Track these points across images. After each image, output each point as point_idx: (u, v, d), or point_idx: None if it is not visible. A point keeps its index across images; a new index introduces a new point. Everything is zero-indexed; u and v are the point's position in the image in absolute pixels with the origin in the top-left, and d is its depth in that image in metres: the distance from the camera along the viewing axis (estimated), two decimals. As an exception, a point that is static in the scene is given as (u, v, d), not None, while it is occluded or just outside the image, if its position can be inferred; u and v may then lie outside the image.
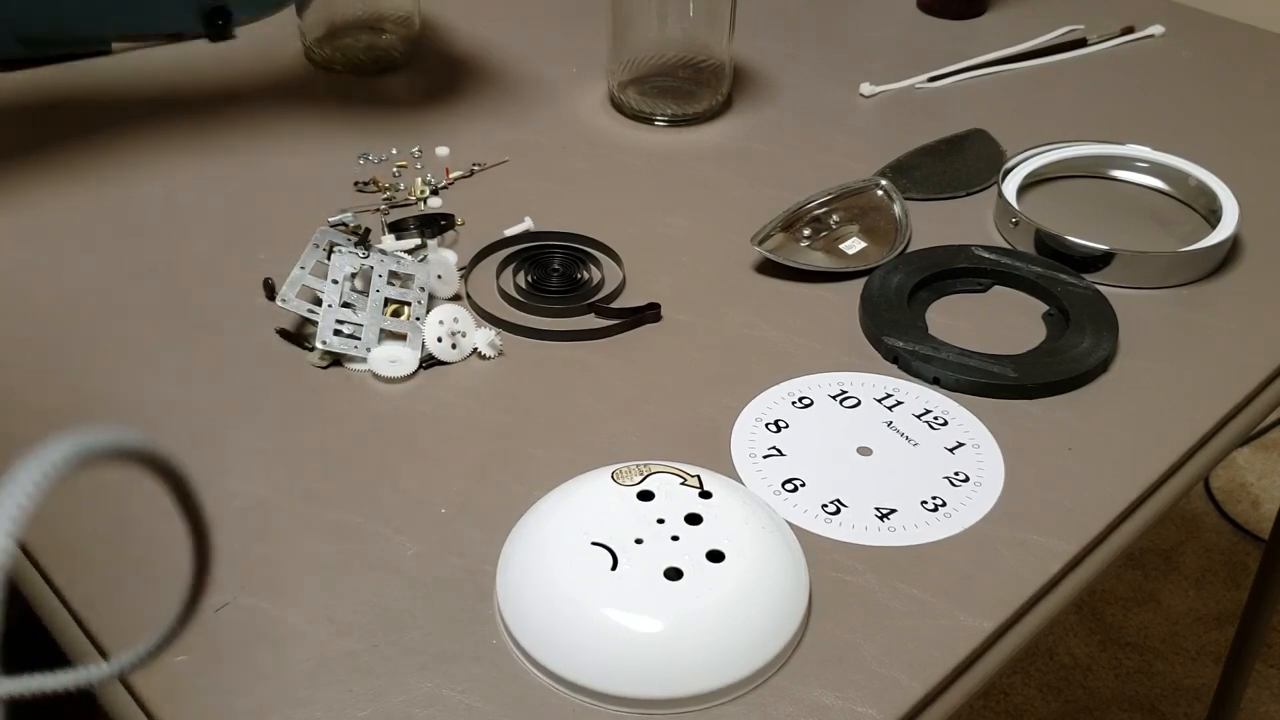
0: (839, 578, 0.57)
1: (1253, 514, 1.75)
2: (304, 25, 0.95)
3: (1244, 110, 0.95)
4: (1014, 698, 1.52)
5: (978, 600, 0.56)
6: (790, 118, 0.92)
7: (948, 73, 0.97)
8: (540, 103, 0.93)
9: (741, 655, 0.51)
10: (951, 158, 0.87)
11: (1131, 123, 0.92)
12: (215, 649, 0.52)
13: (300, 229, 0.78)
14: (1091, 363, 0.68)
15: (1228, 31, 1.05)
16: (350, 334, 0.67)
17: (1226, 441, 0.67)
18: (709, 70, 0.90)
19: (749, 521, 0.54)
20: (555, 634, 0.51)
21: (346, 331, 0.67)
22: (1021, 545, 0.59)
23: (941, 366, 0.67)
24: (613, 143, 0.89)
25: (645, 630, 0.50)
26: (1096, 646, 1.58)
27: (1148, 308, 0.74)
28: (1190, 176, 0.83)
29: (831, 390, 0.67)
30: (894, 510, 0.60)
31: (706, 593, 0.51)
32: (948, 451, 0.63)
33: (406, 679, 0.51)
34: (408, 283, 0.70)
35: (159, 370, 0.67)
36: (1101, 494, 0.62)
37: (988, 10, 1.07)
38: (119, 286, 0.73)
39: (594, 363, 0.69)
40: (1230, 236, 0.77)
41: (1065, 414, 0.66)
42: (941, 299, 0.74)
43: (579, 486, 0.57)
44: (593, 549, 0.52)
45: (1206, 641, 1.58)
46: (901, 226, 0.79)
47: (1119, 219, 0.83)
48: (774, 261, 0.75)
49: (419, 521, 0.59)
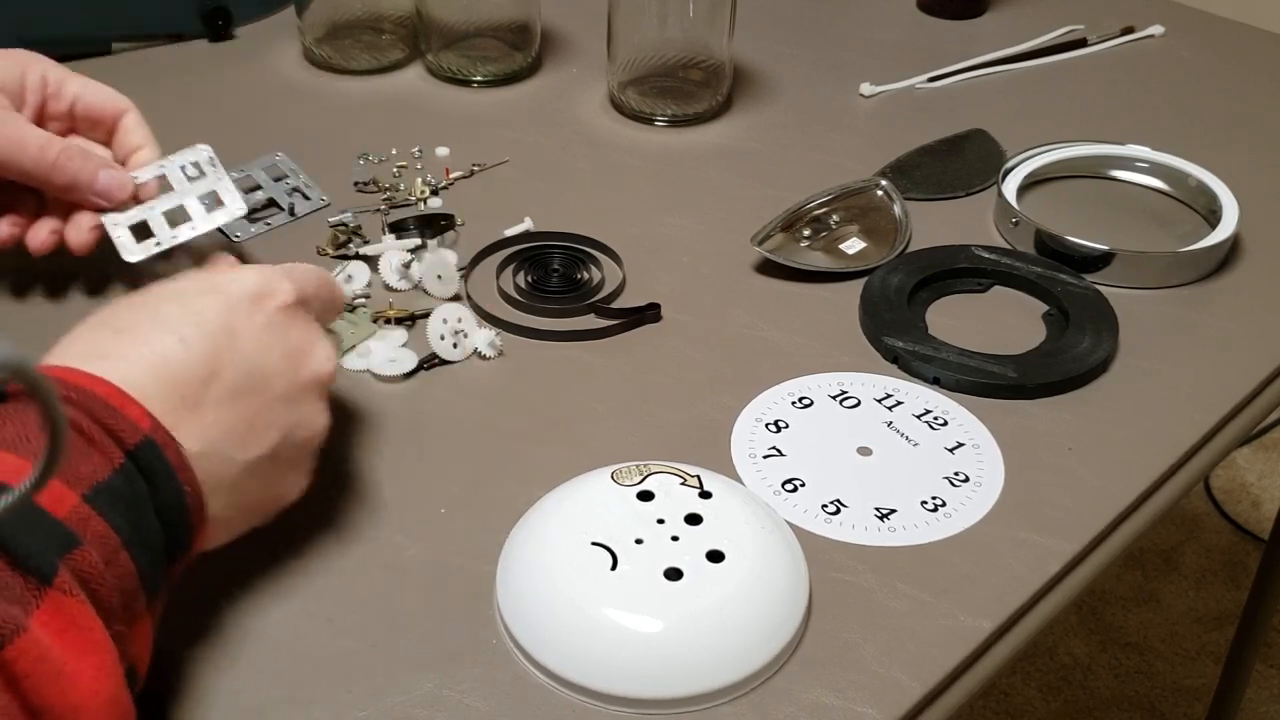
0: (839, 578, 0.57)
1: (1253, 514, 1.75)
2: (304, 25, 0.95)
3: (1244, 110, 0.95)
4: (1014, 698, 1.52)
5: (978, 600, 0.56)
6: (790, 118, 0.92)
7: (948, 73, 0.97)
8: (540, 103, 0.93)
9: (741, 655, 0.51)
10: (951, 158, 0.87)
11: (1131, 123, 0.92)
12: (216, 649, 0.52)
13: (300, 228, 0.78)
14: (1091, 363, 0.68)
15: (1228, 31, 1.05)
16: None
17: (1227, 441, 0.67)
18: (709, 70, 0.90)
19: (749, 522, 0.54)
20: (555, 634, 0.51)
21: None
22: (1021, 545, 0.59)
23: (941, 367, 0.67)
24: (613, 143, 0.89)
25: (645, 630, 0.50)
26: (1096, 647, 1.58)
27: (1148, 308, 0.74)
28: (1190, 176, 0.83)
29: (831, 390, 0.67)
30: (894, 510, 0.60)
31: (706, 593, 0.51)
32: (948, 451, 0.63)
33: (406, 679, 0.51)
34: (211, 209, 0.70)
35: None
36: (1101, 494, 0.62)
37: (988, 10, 1.07)
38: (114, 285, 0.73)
39: (594, 363, 0.69)
40: (1230, 236, 0.77)
41: (1065, 414, 0.66)
42: (941, 299, 0.74)
43: (579, 486, 0.57)
44: (593, 549, 0.52)
45: (1206, 642, 1.58)
46: (901, 226, 0.79)
47: (1119, 219, 0.83)
48: (774, 261, 0.75)
49: (419, 521, 0.59)
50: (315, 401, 0.54)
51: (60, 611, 0.40)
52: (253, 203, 0.78)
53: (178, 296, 0.51)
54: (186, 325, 0.49)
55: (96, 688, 0.40)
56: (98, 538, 0.42)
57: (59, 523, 0.41)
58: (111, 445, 0.44)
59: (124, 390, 0.45)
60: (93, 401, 0.45)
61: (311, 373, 0.53)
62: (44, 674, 0.38)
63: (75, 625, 0.40)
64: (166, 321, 0.49)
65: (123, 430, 0.45)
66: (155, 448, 0.45)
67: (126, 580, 0.43)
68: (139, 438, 0.45)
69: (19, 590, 0.39)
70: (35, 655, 0.38)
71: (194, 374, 0.48)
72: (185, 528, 0.47)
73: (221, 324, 0.50)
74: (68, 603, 0.40)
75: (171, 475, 0.46)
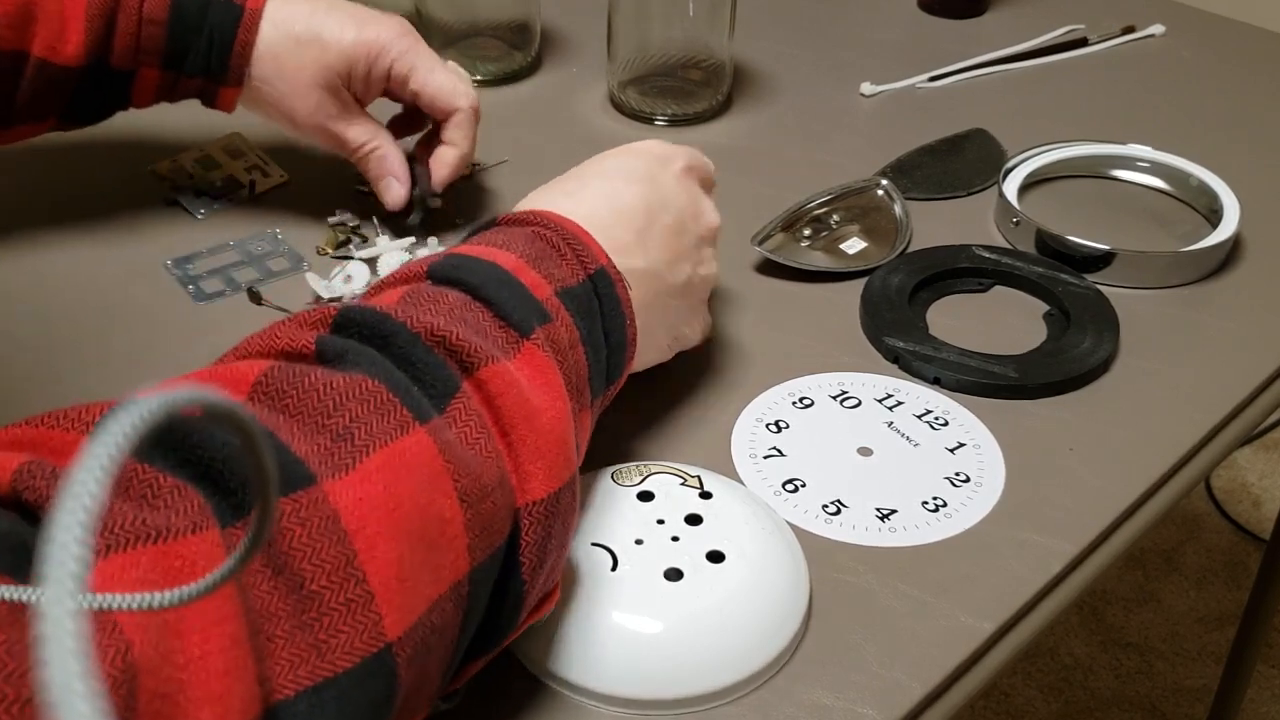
0: (839, 578, 0.57)
1: (1254, 514, 1.75)
2: (304, 25, 0.95)
3: (1245, 110, 0.94)
4: (1014, 698, 1.51)
5: (978, 600, 0.56)
6: (790, 118, 0.92)
7: (948, 72, 0.97)
8: (540, 102, 0.93)
9: (742, 656, 0.51)
10: (952, 158, 0.87)
11: (1132, 122, 0.92)
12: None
13: (300, 229, 0.78)
14: (1092, 363, 0.68)
15: (1228, 31, 1.05)
16: None
17: (1227, 441, 0.67)
18: (709, 70, 0.90)
19: (749, 522, 0.54)
20: (555, 634, 0.51)
21: None
22: (1022, 545, 0.58)
23: (942, 367, 0.67)
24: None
25: (645, 631, 0.50)
26: (1097, 647, 1.57)
27: (1148, 308, 0.74)
28: (1191, 176, 0.83)
29: (832, 390, 0.67)
30: (894, 510, 0.60)
31: (706, 593, 0.51)
32: (948, 452, 0.63)
33: (406, 680, 0.51)
34: None
35: (150, 367, 0.67)
36: (1102, 494, 0.62)
37: (988, 10, 1.07)
38: (118, 284, 0.73)
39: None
40: (1231, 236, 0.77)
41: (1066, 414, 0.66)
42: (942, 299, 0.74)
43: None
44: (592, 549, 0.52)
45: (1207, 642, 1.58)
46: (902, 226, 0.79)
47: (1120, 219, 0.82)
48: (774, 261, 0.75)
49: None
50: (710, 248, 0.63)
51: (531, 360, 0.47)
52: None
53: (603, 160, 0.62)
54: (620, 177, 0.60)
55: (554, 424, 0.46)
56: (566, 324, 0.50)
57: (538, 300, 0.50)
58: (577, 264, 0.53)
59: (586, 229, 0.55)
60: (563, 230, 0.54)
61: (708, 221, 0.63)
62: (514, 398, 0.45)
63: (543, 372, 0.47)
64: (605, 175, 0.60)
65: (586, 256, 0.54)
66: (609, 279, 0.54)
67: (580, 370, 0.51)
68: (597, 266, 0.54)
69: (500, 340, 0.47)
70: (507, 381, 0.45)
71: (634, 210, 0.58)
72: (622, 355, 0.55)
73: (646, 173, 0.60)
74: (538, 355, 0.48)
75: (618, 305, 0.54)
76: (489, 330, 0.47)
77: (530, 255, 0.51)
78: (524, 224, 0.54)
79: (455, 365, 0.45)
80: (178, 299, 0.72)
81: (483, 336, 0.46)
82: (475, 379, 0.45)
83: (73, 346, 0.69)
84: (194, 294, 0.72)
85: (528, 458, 0.45)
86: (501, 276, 0.49)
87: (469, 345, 0.45)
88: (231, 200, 0.80)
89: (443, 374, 0.44)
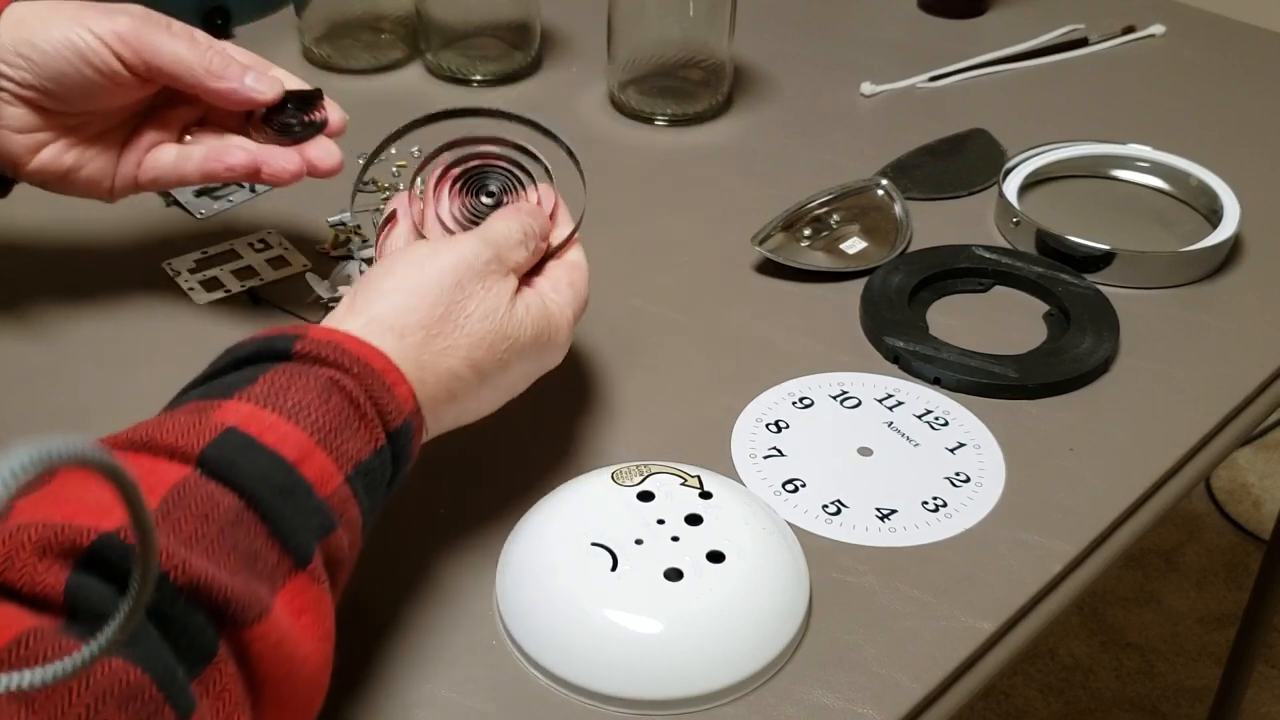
0: (839, 578, 0.56)
1: (1254, 514, 1.75)
2: (303, 24, 0.95)
3: (1245, 110, 0.94)
4: (1015, 699, 1.51)
5: (978, 601, 0.56)
6: (790, 118, 0.92)
7: (948, 72, 0.97)
8: (540, 102, 0.93)
9: (742, 656, 0.51)
10: (952, 158, 0.87)
11: (1132, 122, 0.92)
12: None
13: (300, 229, 0.78)
14: (1092, 363, 0.68)
15: (1228, 31, 1.05)
16: None
17: (1228, 442, 0.67)
18: (709, 70, 0.90)
19: (749, 522, 0.54)
20: (555, 634, 0.51)
21: None
22: (1022, 546, 0.58)
23: (942, 367, 0.67)
24: (613, 143, 0.89)
25: (645, 631, 0.50)
26: (1097, 647, 1.57)
27: (1149, 308, 0.74)
28: (1191, 176, 0.83)
29: (832, 390, 0.67)
30: (894, 511, 0.60)
31: (706, 593, 0.51)
32: (948, 452, 0.63)
33: (406, 679, 0.51)
34: None
35: (151, 368, 0.67)
36: (1102, 494, 0.62)
37: (988, 10, 1.07)
38: (118, 284, 0.73)
39: (594, 362, 0.68)
40: (1231, 236, 0.77)
41: (1066, 414, 0.66)
42: (942, 299, 0.74)
43: (579, 487, 0.57)
44: (593, 549, 0.52)
45: (1207, 642, 1.58)
46: (902, 226, 0.79)
47: (1120, 219, 0.82)
48: (774, 261, 0.75)
49: (419, 521, 0.59)
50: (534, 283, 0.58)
51: (304, 594, 0.43)
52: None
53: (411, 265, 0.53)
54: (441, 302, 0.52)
55: (313, 674, 0.43)
56: (350, 522, 0.46)
57: (322, 503, 0.44)
58: (378, 423, 0.47)
59: (395, 362, 0.49)
60: (367, 374, 0.48)
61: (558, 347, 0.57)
62: (276, 658, 0.41)
63: (313, 609, 0.43)
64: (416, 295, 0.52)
65: (390, 410, 0.48)
66: (410, 432, 0.49)
67: (356, 551, 0.47)
68: (401, 420, 0.48)
69: (273, 565, 0.42)
70: (273, 640, 0.41)
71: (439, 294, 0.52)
72: (397, 484, 0.50)
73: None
74: (312, 588, 0.43)
75: (410, 455, 0.50)
76: (261, 553, 0.42)
77: (323, 428, 0.45)
78: (323, 363, 0.47)
79: (215, 623, 0.39)
80: (178, 299, 0.72)
81: (251, 568, 0.41)
82: (237, 640, 0.40)
83: (73, 346, 0.69)
84: (194, 294, 0.72)
85: (276, 715, 0.42)
86: (283, 482, 0.43)
87: (234, 602, 0.40)
88: (231, 200, 0.80)
89: (201, 638, 0.39)
